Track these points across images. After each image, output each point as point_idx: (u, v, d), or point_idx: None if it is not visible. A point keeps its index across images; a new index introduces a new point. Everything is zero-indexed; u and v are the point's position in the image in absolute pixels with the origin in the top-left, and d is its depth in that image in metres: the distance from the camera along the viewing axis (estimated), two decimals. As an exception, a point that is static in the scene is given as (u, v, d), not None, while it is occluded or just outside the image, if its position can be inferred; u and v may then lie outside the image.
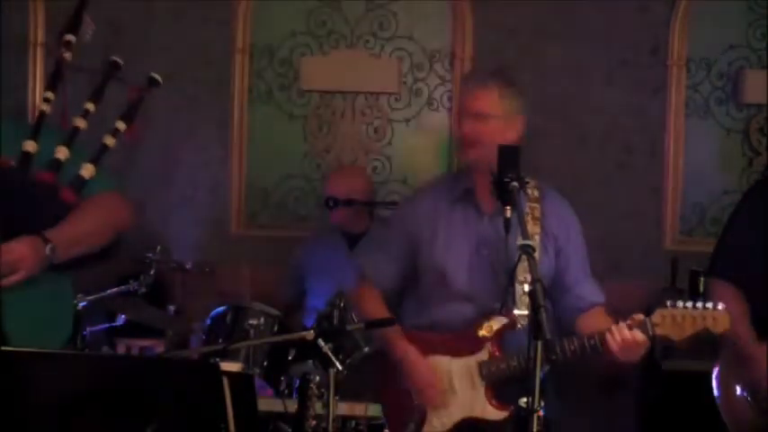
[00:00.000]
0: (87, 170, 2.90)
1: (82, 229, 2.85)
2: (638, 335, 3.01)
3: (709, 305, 3.02)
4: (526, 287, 2.89)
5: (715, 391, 3.46)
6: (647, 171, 5.15)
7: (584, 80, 5.12)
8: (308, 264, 4.64)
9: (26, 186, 2.82)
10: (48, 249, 2.74)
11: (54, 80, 2.96)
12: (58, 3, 5.07)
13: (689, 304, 3.03)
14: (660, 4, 5.10)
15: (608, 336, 3.03)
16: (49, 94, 2.93)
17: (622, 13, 5.10)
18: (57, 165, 2.86)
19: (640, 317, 3.04)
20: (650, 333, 3.02)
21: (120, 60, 3.04)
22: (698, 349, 3.25)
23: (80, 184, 2.89)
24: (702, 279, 4.59)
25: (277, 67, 5.21)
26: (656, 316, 3.03)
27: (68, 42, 2.99)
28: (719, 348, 3.50)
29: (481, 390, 3.19)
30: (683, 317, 3.02)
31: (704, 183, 5.18)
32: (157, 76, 3.05)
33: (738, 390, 3.41)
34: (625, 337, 3.01)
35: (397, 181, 5.22)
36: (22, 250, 2.71)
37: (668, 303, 3.04)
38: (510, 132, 3.18)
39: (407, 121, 5.23)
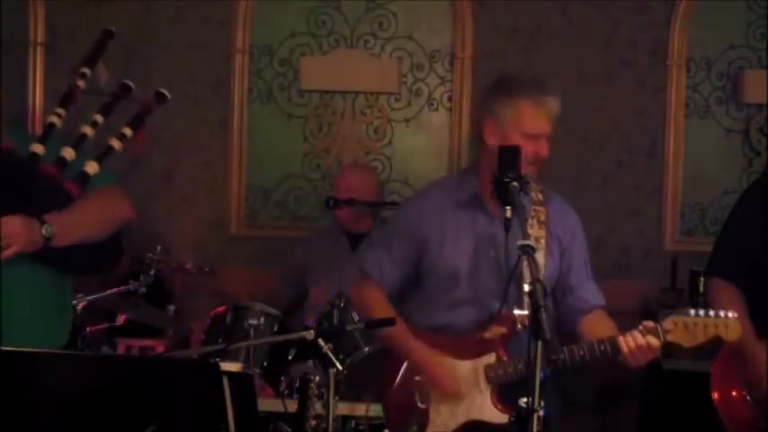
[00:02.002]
0: (91, 167, 2.95)
1: (81, 216, 2.88)
2: (653, 340, 3.01)
3: (721, 313, 3.01)
4: (527, 287, 2.89)
5: (714, 391, 3.46)
6: (647, 171, 5.15)
7: (585, 80, 5.11)
8: (309, 263, 4.63)
9: (30, 176, 2.85)
10: (44, 230, 2.77)
11: (66, 101, 3.01)
12: (58, 3, 5.07)
13: (701, 312, 3.01)
14: (660, 4, 5.10)
15: (621, 340, 3.03)
16: (60, 110, 2.97)
17: (622, 13, 5.10)
18: (62, 162, 2.90)
19: (651, 324, 3.03)
20: (662, 340, 3.02)
21: (131, 84, 3.08)
22: (699, 348, 3.24)
23: (84, 179, 2.93)
24: (702, 279, 4.58)
25: (277, 67, 5.21)
26: (668, 323, 3.01)
27: (84, 74, 3.05)
28: (720, 348, 3.49)
29: (487, 393, 3.18)
30: (694, 324, 3.00)
31: (704, 183, 5.18)
32: (165, 92, 3.09)
33: (737, 389, 3.41)
34: (639, 342, 3.01)
35: (397, 181, 5.22)
36: (13, 225, 2.73)
37: (679, 311, 3.03)
38: None
39: (407, 121, 5.22)
